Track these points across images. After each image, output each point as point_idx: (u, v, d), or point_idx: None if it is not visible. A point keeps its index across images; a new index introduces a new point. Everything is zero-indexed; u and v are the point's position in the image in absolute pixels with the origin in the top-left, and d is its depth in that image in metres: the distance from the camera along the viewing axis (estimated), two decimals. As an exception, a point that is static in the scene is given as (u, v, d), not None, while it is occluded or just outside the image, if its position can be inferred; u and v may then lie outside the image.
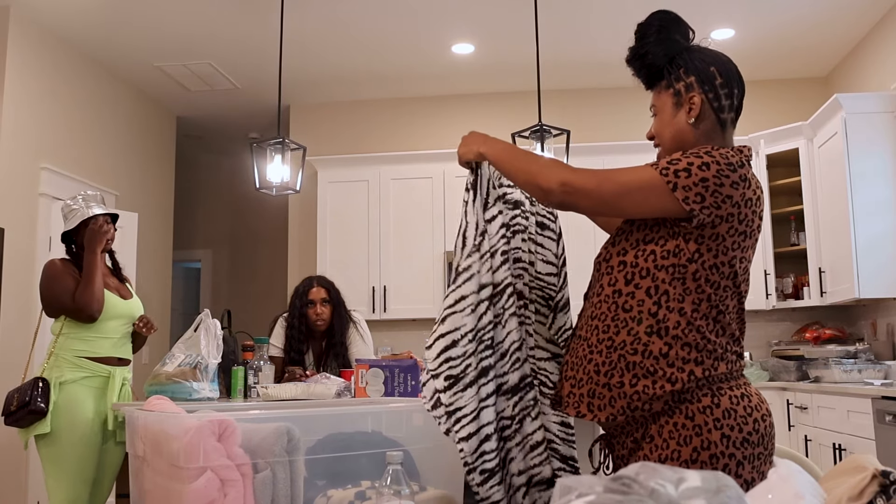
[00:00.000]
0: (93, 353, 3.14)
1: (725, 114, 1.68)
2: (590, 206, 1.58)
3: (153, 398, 2.35)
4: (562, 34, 5.36)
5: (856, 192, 4.80)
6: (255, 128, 7.37)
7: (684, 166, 1.55)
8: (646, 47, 1.69)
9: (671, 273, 1.57)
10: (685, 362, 1.55)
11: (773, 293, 5.61)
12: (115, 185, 5.91)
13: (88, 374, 3.11)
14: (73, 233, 3.29)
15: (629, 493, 0.85)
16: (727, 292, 1.59)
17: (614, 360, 1.59)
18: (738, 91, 1.70)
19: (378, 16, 5.09)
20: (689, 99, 1.66)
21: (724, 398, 1.55)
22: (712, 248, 1.56)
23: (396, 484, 1.43)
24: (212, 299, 8.12)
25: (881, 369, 4.58)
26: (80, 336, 3.14)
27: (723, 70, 1.67)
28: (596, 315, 1.66)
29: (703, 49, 1.70)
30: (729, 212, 1.55)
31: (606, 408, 1.58)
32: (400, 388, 2.91)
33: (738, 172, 1.56)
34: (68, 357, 3.10)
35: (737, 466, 1.51)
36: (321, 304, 3.76)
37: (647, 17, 1.71)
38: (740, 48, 5.61)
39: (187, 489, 1.60)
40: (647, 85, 1.74)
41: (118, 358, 3.22)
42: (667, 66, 1.69)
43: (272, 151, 4.20)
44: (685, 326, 1.56)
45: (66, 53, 5.36)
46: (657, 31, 1.68)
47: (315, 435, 1.76)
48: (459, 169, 6.06)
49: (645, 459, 1.57)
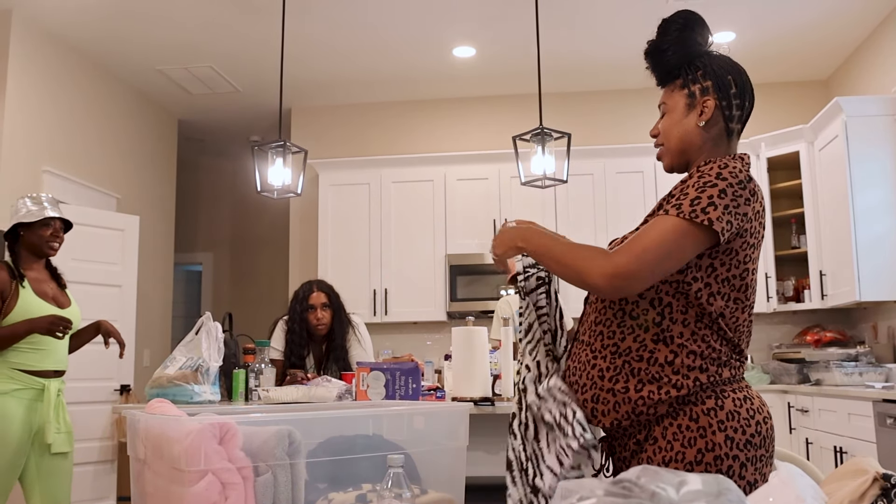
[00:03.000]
0: (28, 366, 3.07)
1: (734, 123, 1.67)
2: (642, 287, 1.52)
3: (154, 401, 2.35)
4: (563, 37, 5.36)
5: (856, 195, 4.80)
6: (257, 131, 7.38)
7: (706, 202, 1.51)
8: (667, 44, 1.68)
9: (675, 288, 1.58)
10: (690, 369, 1.55)
11: (773, 296, 5.60)
12: (116, 188, 5.91)
13: (20, 387, 3.04)
14: (17, 232, 3.17)
15: (630, 497, 0.86)
16: (738, 304, 1.59)
17: (619, 365, 1.59)
18: (749, 104, 1.69)
19: (379, 19, 5.09)
20: (702, 102, 1.65)
21: (728, 400, 1.55)
22: (725, 263, 1.56)
23: (397, 487, 1.43)
24: (213, 302, 8.12)
25: (882, 372, 4.58)
26: (17, 347, 3.04)
27: (738, 80, 1.67)
28: (601, 321, 1.66)
29: (722, 56, 1.70)
30: (744, 227, 1.55)
31: (611, 413, 1.59)
32: (401, 391, 2.91)
33: (747, 188, 1.56)
34: (3, 369, 3.02)
35: (740, 468, 1.52)
36: (321, 309, 3.75)
37: (672, 14, 1.70)
38: (741, 51, 5.61)
39: (188, 492, 1.60)
40: (661, 82, 1.73)
41: (54, 370, 3.16)
42: (685, 66, 1.68)
43: (273, 154, 4.21)
44: (689, 336, 1.56)
45: (67, 56, 5.37)
46: (680, 30, 1.68)
47: (316, 438, 1.76)
48: (460, 172, 6.08)
49: (648, 461, 1.57)
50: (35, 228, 3.16)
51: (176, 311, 7.69)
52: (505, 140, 6.27)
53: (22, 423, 3.03)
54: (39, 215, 3.14)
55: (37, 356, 3.09)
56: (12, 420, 3.00)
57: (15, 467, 3.01)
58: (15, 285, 3.08)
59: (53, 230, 3.20)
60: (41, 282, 3.19)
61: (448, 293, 5.88)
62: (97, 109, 5.73)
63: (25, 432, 3.05)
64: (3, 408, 2.99)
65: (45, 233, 3.18)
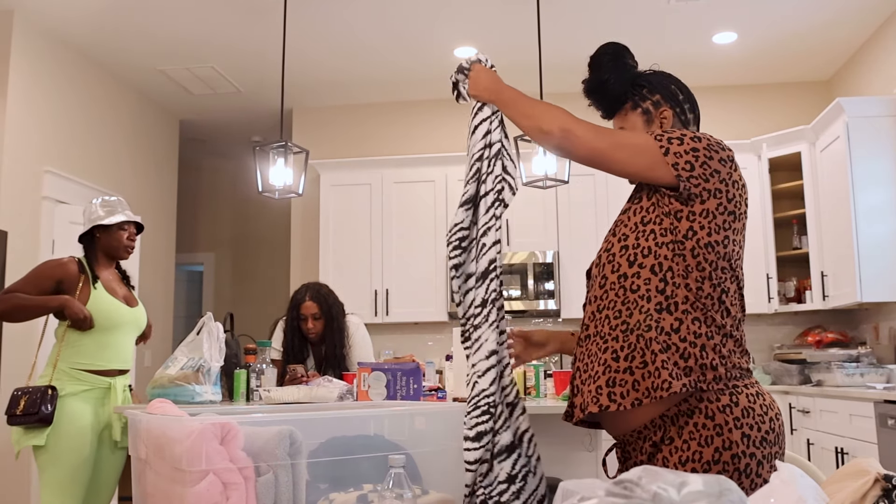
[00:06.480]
0: (94, 366, 3.12)
1: (691, 126, 1.77)
2: (584, 154, 1.65)
3: (155, 401, 2.35)
4: (563, 37, 5.36)
5: (858, 196, 4.80)
6: (258, 131, 7.38)
7: (678, 136, 1.61)
8: (605, 74, 1.77)
9: (672, 249, 1.59)
10: (696, 336, 1.55)
11: (775, 297, 5.60)
12: (118, 188, 5.92)
13: (88, 388, 3.10)
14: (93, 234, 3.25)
15: (631, 497, 0.86)
16: (725, 274, 1.61)
17: (632, 341, 1.57)
18: (695, 107, 1.80)
19: (380, 19, 5.10)
20: (659, 114, 1.74)
21: (742, 396, 1.55)
22: (704, 227, 1.59)
23: (399, 487, 1.43)
24: (214, 302, 8.13)
25: (883, 373, 4.58)
26: (83, 347, 3.10)
27: (682, 87, 1.77)
28: (604, 306, 1.65)
29: (660, 72, 1.80)
30: (717, 187, 1.60)
31: (630, 393, 1.54)
32: (402, 391, 2.90)
33: (726, 152, 1.63)
34: (69, 370, 3.08)
35: (757, 466, 1.51)
36: (312, 320, 3.72)
37: (596, 50, 1.80)
38: (743, 52, 5.61)
39: (189, 492, 1.60)
40: (608, 113, 1.83)
41: (119, 369, 3.21)
42: (629, 89, 1.77)
43: (275, 155, 4.21)
44: (693, 301, 1.57)
45: (69, 57, 5.38)
46: (612, 59, 1.78)
47: (317, 438, 1.76)
48: (461, 172, 6.06)
49: (665, 462, 1.55)
50: (112, 231, 3.24)
51: (177, 312, 7.69)
52: (506, 140, 6.26)
53: (91, 422, 3.09)
54: (116, 219, 3.22)
55: (101, 356, 3.14)
56: (82, 422, 3.05)
57: (88, 465, 3.07)
58: (84, 279, 3.15)
59: (129, 234, 3.29)
60: (112, 282, 3.26)
61: (449, 293, 5.88)
62: (99, 109, 5.73)
63: (95, 431, 3.11)
64: (71, 409, 3.04)
65: (121, 236, 3.26)
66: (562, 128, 1.65)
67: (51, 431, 2.99)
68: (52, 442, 2.99)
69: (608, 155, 1.63)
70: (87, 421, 3.08)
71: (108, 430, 3.17)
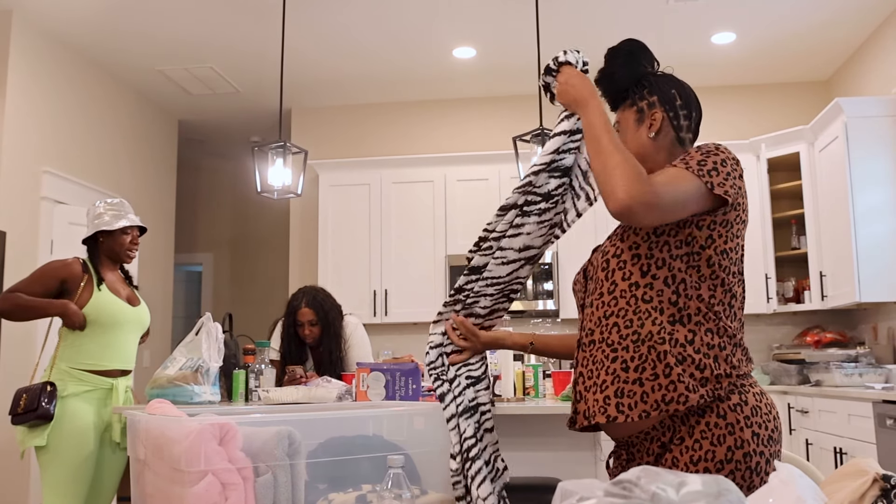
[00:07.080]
0: (97, 367, 3.13)
1: (684, 133, 1.76)
2: (650, 223, 1.56)
3: (154, 401, 2.35)
4: (563, 38, 5.36)
5: (857, 196, 4.81)
6: (257, 131, 7.38)
7: (710, 166, 1.59)
8: (615, 68, 1.79)
9: (686, 262, 1.60)
10: (710, 347, 1.57)
11: (773, 297, 5.61)
12: (116, 188, 5.91)
13: (91, 388, 3.12)
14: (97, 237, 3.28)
15: (630, 498, 0.86)
16: (735, 279, 1.64)
17: (644, 352, 1.57)
18: (696, 114, 1.79)
19: (380, 20, 5.10)
20: (650, 115, 1.75)
21: (750, 395, 1.57)
22: (722, 235, 1.61)
23: (397, 487, 1.43)
24: (213, 303, 8.13)
25: (882, 373, 4.58)
26: (85, 347, 3.12)
27: (682, 94, 1.77)
28: (612, 312, 1.64)
29: (667, 75, 1.81)
30: (739, 200, 1.63)
31: (638, 405, 1.54)
32: (401, 391, 2.90)
33: (740, 167, 1.66)
34: (71, 370, 3.09)
35: (766, 464, 1.53)
36: (308, 326, 3.72)
37: (618, 43, 1.81)
38: (741, 52, 5.62)
39: (188, 493, 1.60)
40: (613, 105, 1.83)
41: (121, 370, 3.22)
42: (632, 86, 1.78)
43: (273, 155, 4.21)
44: (706, 312, 1.59)
45: (68, 57, 5.38)
46: (625, 55, 1.79)
47: (316, 438, 1.76)
48: (460, 172, 6.08)
49: (674, 462, 1.55)
50: (115, 236, 3.26)
51: (176, 312, 7.70)
52: (505, 141, 6.27)
53: (93, 422, 3.11)
54: (120, 224, 3.24)
55: (104, 356, 3.15)
56: (84, 419, 3.07)
57: (90, 465, 3.09)
58: (87, 279, 3.17)
59: (133, 238, 3.31)
60: (116, 283, 3.29)
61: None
62: (97, 110, 5.73)
63: (96, 431, 3.12)
64: (73, 409, 3.06)
65: (125, 240, 3.28)
66: (633, 198, 1.51)
67: (52, 431, 3.00)
68: (53, 441, 3.00)
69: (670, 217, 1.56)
70: (89, 421, 3.09)
71: (109, 432, 3.18)
